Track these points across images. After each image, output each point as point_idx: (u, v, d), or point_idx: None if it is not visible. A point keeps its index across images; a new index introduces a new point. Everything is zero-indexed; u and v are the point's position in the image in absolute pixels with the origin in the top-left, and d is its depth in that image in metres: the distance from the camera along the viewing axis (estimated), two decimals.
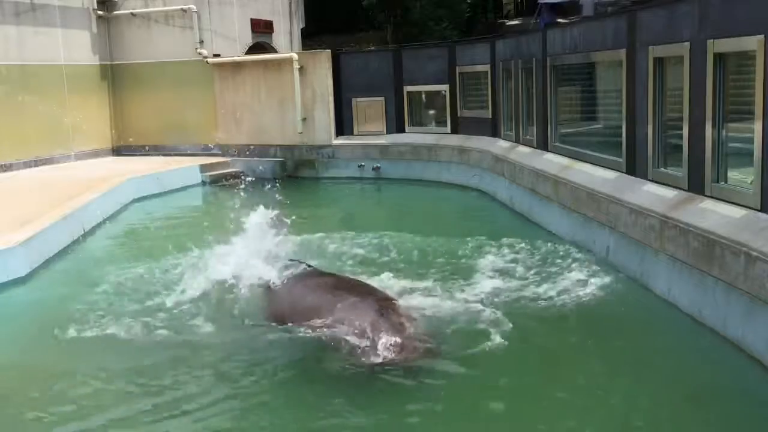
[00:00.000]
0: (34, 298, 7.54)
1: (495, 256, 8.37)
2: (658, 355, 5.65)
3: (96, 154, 17.31)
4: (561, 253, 8.53)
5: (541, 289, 7.06)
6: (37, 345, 6.33)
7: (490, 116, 13.64)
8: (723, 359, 5.44)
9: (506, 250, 8.59)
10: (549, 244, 9.00)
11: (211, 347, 5.98)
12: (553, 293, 6.89)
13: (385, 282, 7.30)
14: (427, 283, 7.28)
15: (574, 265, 7.95)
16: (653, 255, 6.72)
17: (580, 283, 7.32)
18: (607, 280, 7.36)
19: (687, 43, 6.54)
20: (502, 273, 7.67)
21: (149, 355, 5.90)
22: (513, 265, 8.01)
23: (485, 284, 7.28)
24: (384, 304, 5.99)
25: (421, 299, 6.72)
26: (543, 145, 10.74)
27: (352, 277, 7.41)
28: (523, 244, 8.81)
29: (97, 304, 7.15)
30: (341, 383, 5.26)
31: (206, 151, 16.87)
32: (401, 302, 6.38)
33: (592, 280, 7.39)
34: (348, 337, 5.67)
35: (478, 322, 6.06)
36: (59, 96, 16.30)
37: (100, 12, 17.23)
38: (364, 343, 5.54)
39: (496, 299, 6.70)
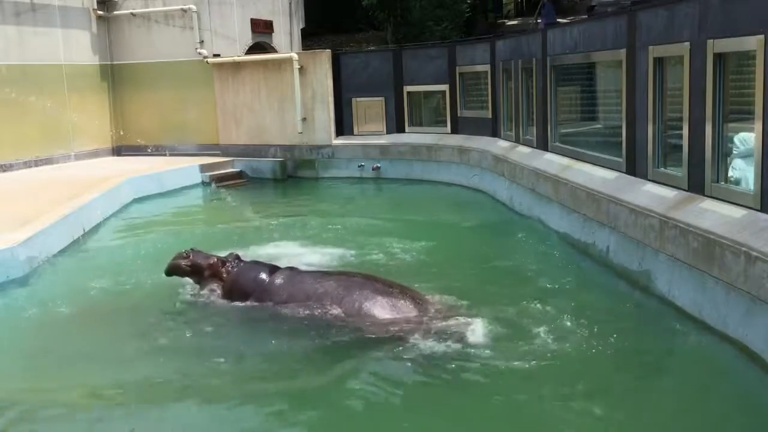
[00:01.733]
0: (33, 298, 7.53)
1: (495, 255, 8.38)
2: (658, 356, 5.65)
3: (96, 154, 17.31)
4: (561, 253, 8.54)
5: (541, 289, 7.06)
6: (37, 345, 6.33)
7: (490, 116, 13.65)
8: (723, 359, 5.45)
9: (507, 251, 8.59)
10: (549, 245, 9.01)
11: (219, 344, 5.98)
12: (553, 293, 6.90)
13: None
14: (429, 284, 7.28)
15: (574, 265, 7.96)
16: (653, 255, 6.72)
17: (580, 282, 7.33)
18: (606, 280, 7.38)
19: (687, 43, 6.54)
20: (502, 272, 7.67)
21: (151, 354, 5.89)
22: (513, 265, 8.01)
23: (485, 283, 7.29)
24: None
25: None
26: (543, 145, 10.74)
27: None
28: (523, 244, 8.82)
29: (98, 304, 7.15)
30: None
31: (206, 151, 16.87)
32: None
33: (592, 279, 7.40)
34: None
35: (479, 321, 6.07)
36: (59, 96, 16.29)
37: (100, 12, 17.22)
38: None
39: (495, 299, 6.70)
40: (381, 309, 6.07)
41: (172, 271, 7.10)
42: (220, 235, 10.26)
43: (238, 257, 7.02)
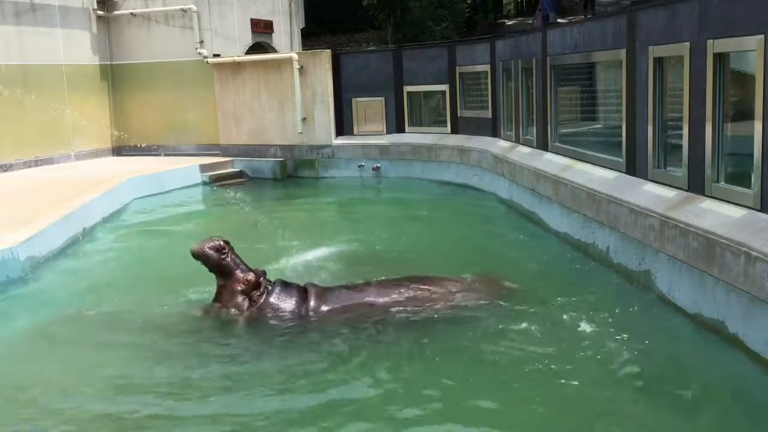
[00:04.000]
0: (33, 298, 7.54)
1: (494, 255, 8.37)
2: (657, 356, 5.64)
3: (96, 154, 17.31)
4: (561, 253, 8.54)
5: (540, 289, 7.05)
6: (37, 345, 6.32)
7: (490, 116, 13.65)
8: (723, 359, 5.45)
9: (506, 250, 8.59)
10: (550, 245, 9.01)
11: (219, 346, 5.98)
12: (552, 293, 6.89)
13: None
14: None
15: (574, 266, 7.95)
16: (653, 255, 6.72)
17: (580, 283, 7.32)
18: (606, 280, 7.37)
19: (687, 43, 6.54)
20: (501, 272, 7.66)
21: (151, 355, 5.88)
22: (512, 265, 8.00)
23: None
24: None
25: None
26: (543, 145, 10.74)
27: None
28: (523, 245, 8.81)
29: (98, 304, 7.14)
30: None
31: (206, 151, 16.88)
32: None
33: (592, 279, 7.40)
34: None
35: (482, 320, 6.07)
36: (59, 96, 16.29)
37: (100, 12, 17.23)
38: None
39: (496, 299, 6.70)
40: (448, 290, 6.59)
41: (201, 257, 6.42)
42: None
43: (265, 274, 6.50)
